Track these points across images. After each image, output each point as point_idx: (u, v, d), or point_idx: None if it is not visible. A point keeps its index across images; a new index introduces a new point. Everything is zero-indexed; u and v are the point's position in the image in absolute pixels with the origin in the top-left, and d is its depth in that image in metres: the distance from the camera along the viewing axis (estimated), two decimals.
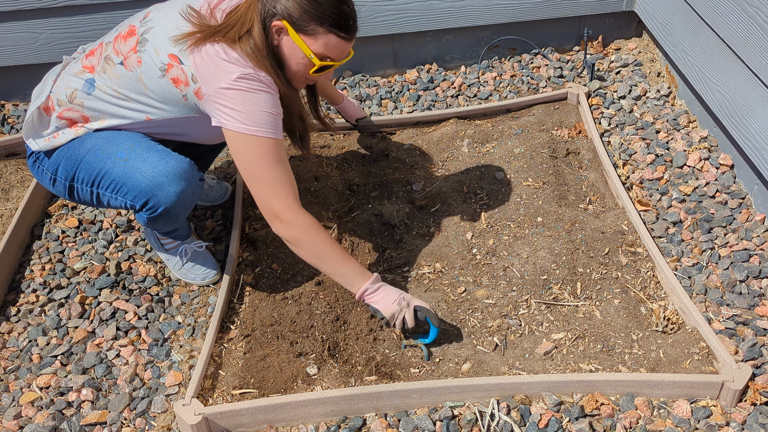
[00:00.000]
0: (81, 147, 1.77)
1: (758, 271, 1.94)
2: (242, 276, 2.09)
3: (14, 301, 2.10)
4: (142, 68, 1.68)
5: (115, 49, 1.73)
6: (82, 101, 1.74)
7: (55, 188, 1.85)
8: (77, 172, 1.78)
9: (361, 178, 2.38)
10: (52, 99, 1.77)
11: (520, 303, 1.94)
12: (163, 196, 1.72)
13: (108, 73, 1.72)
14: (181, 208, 1.78)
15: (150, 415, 1.78)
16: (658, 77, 2.79)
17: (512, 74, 2.89)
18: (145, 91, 1.71)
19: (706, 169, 2.31)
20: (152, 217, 1.79)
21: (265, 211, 1.72)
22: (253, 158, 1.65)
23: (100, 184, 1.78)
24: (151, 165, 1.71)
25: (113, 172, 1.74)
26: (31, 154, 1.86)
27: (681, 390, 1.68)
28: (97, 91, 1.73)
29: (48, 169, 1.82)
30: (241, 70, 1.60)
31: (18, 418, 1.78)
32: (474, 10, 2.83)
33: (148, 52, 1.67)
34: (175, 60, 1.64)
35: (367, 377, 1.77)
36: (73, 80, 1.75)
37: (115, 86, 1.72)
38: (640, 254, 2.05)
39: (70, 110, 1.76)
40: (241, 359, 1.85)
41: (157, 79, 1.68)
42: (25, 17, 2.73)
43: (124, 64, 1.70)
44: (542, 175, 2.29)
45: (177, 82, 1.66)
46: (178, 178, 1.73)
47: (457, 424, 1.66)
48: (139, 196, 1.74)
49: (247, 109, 1.61)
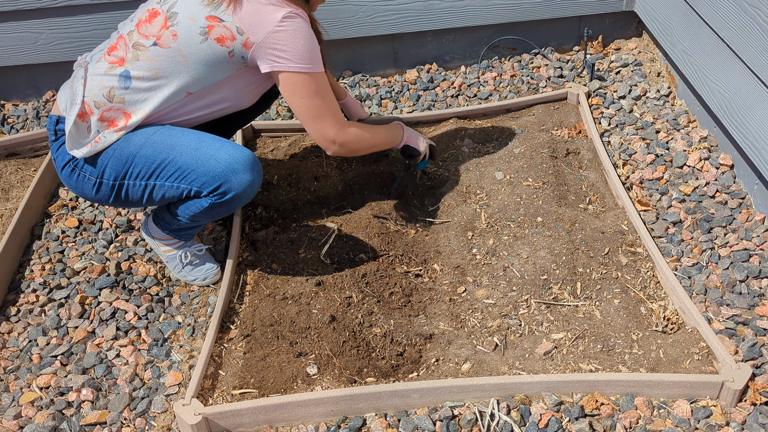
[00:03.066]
0: (129, 144, 1.79)
1: (758, 271, 1.94)
2: (242, 276, 2.09)
3: (14, 301, 2.10)
4: (179, 41, 1.73)
5: (142, 34, 1.76)
6: (123, 97, 1.77)
7: (100, 194, 1.85)
8: (130, 168, 1.80)
9: (361, 178, 2.38)
10: (88, 103, 1.77)
11: (520, 303, 1.94)
12: (237, 182, 1.77)
13: (142, 59, 1.75)
14: (246, 197, 1.82)
15: (150, 415, 1.78)
16: (658, 77, 2.79)
17: (512, 74, 2.89)
18: (185, 63, 1.75)
19: (706, 169, 2.31)
20: (217, 202, 1.81)
21: (322, 139, 1.88)
22: (309, 94, 1.79)
23: (160, 174, 1.79)
24: (226, 152, 1.77)
25: (180, 160, 1.77)
26: (66, 165, 1.84)
27: (681, 390, 1.68)
28: (134, 81, 1.76)
29: (91, 175, 1.82)
30: (283, 11, 1.70)
31: (18, 418, 1.78)
32: (474, 10, 2.83)
33: (181, 23, 1.72)
34: (215, 20, 1.71)
35: (367, 378, 1.78)
36: (106, 79, 1.77)
37: (153, 68, 1.75)
38: (640, 254, 2.05)
39: (110, 110, 1.78)
40: (241, 359, 1.85)
41: (197, 45, 1.73)
42: (25, 17, 2.73)
43: (158, 44, 1.74)
44: (542, 175, 2.29)
45: (222, 40, 1.72)
46: (251, 168, 1.79)
47: (457, 424, 1.66)
48: (210, 182, 1.77)
49: (296, 49, 1.72)
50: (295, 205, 2.27)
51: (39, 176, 2.42)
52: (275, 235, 2.17)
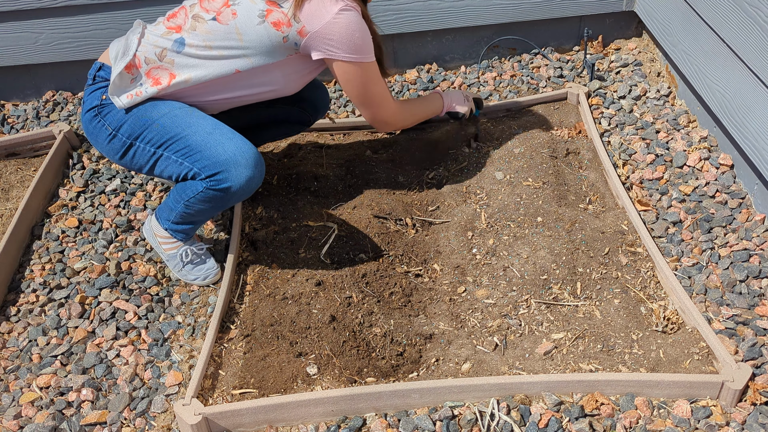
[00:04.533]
0: (154, 110, 1.85)
1: (758, 271, 1.94)
2: (242, 276, 2.09)
3: (14, 301, 2.11)
4: (237, 19, 1.80)
5: (203, 8, 1.83)
6: (173, 59, 1.84)
7: (110, 145, 1.90)
8: (145, 132, 1.85)
9: (362, 178, 2.38)
10: (139, 57, 1.85)
11: (520, 303, 1.94)
12: (235, 175, 1.81)
13: (199, 30, 1.82)
14: (241, 192, 1.85)
15: (150, 415, 1.78)
16: (658, 77, 2.79)
17: (512, 74, 2.89)
18: (240, 41, 1.82)
19: (706, 169, 2.31)
20: (210, 188, 1.84)
21: (376, 122, 2.09)
22: (366, 82, 1.93)
23: (170, 146, 1.84)
24: (235, 144, 1.81)
25: (192, 138, 1.82)
26: (91, 109, 1.90)
27: (681, 390, 1.68)
28: (187, 48, 1.83)
29: (110, 125, 1.88)
30: (340, 4, 1.79)
31: (18, 418, 1.78)
32: (474, 10, 2.83)
33: (242, 3, 1.80)
34: (274, 5, 1.79)
35: (367, 378, 1.78)
36: (161, 40, 1.85)
37: (208, 41, 1.82)
38: (640, 254, 2.05)
39: (159, 68, 1.85)
40: (241, 359, 1.85)
41: (255, 27, 1.80)
42: (25, 17, 2.73)
43: (217, 19, 1.81)
44: (542, 175, 2.29)
45: (278, 24, 1.80)
46: (254, 165, 1.83)
47: (457, 424, 1.66)
48: (211, 166, 1.81)
49: (351, 40, 1.82)
50: (295, 205, 2.27)
51: (39, 176, 2.42)
52: (275, 235, 2.17)
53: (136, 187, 2.48)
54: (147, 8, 2.73)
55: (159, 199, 2.44)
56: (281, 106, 2.27)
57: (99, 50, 2.83)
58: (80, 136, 2.73)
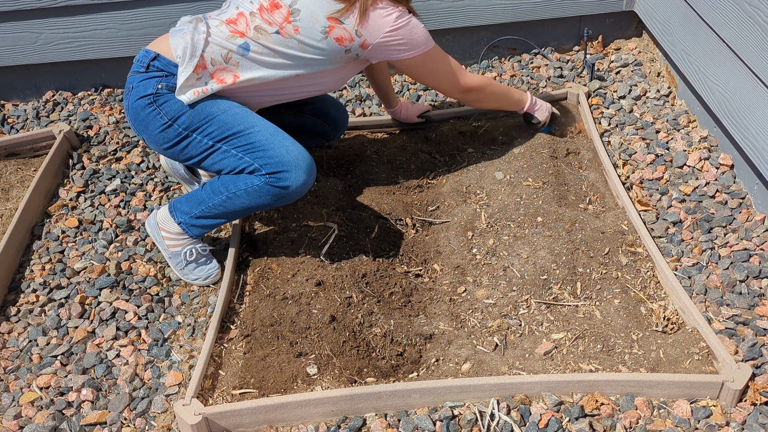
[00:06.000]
0: (214, 106, 1.92)
1: (758, 271, 1.94)
2: (242, 276, 2.09)
3: (14, 301, 2.11)
4: (300, 35, 1.89)
5: (265, 20, 1.89)
6: (238, 61, 1.91)
7: (163, 134, 1.94)
8: (205, 125, 1.91)
9: (362, 178, 2.38)
10: (206, 58, 1.90)
11: (520, 303, 1.94)
12: (295, 176, 1.88)
13: (263, 41, 1.90)
14: (295, 194, 1.92)
15: (150, 415, 1.78)
16: (658, 77, 2.79)
17: (512, 74, 2.89)
18: (303, 52, 1.91)
19: (706, 169, 2.31)
20: (271, 184, 1.89)
21: (456, 92, 2.16)
22: (434, 67, 2.07)
23: (231, 141, 1.91)
24: (297, 148, 1.90)
25: (257, 136, 1.90)
26: (145, 97, 1.92)
27: (681, 390, 1.68)
28: (252, 53, 1.91)
29: (167, 114, 1.92)
30: (395, 13, 1.91)
31: (18, 418, 1.78)
32: (474, 10, 2.83)
33: (303, 20, 1.87)
34: (335, 21, 1.87)
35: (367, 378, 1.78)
36: (226, 43, 1.90)
37: (272, 49, 1.91)
38: (640, 254, 2.05)
39: (224, 70, 1.92)
40: (241, 359, 1.85)
41: (317, 42, 1.89)
42: (25, 17, 2.73)
43: (280, 33, 1.89)
44: (542, 175, 2.29)
45: (341, 40, 1.90)
46: (311, 171, 1.92)
47: (457, 424, 1.66)
48: (274, 165, 1.88)
49: (413, 38, 1.96)
50: (295, 205, 2.27)
51: (39, 176, 2.42)
52: (275, 235, 2.17)
53: (136, 187, 2.49)
54: (147, 8, 2.73)
55: (159, 198, 2.44)
56: (310, 117, 2.35)
57: (99, 50, 2.83)
58: (80, 136, 2.73)
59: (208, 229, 2.06)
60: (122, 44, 2.80)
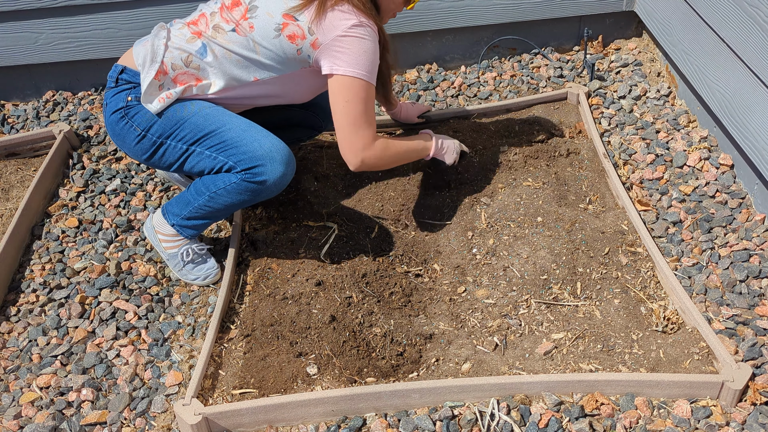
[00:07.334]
0: (184, 110, 1.91)
1: (758, 271, 1.94)
2: (242, 276, 2.09)
3: (14, 301, 2.11)
4: (254, 32, 1.86)
5: (223, 18, 1.89)
6: (198, 64, 1.90)
7: (139, 145, 1.94)
8: (177, 130, 1.90)
9: (361, 177, 2.38)
10: (166, 64, 1.89)
11: (520, 303, 1.94)
12: (271, 170, 1.86)
13: (219, 39, 1.88)
14: (274, 188, 1.90)
15: (150, 415, 1.78)
16: (658, 77, 2.79)
17: (512, 74, 2.89)
18: (257, 52, 1.87)
19: (706, 168, 2.31)
20: (247, 180, 1.88)
21: (350, 149, 1.90)
22: (354, 100, 1.85)
23: (204, 142, 1.90)
24: (270, 141, 1.87)
25: (227, 135, 1.88)
26: (117, 111, 1.93)
27: (681, 390, 1.68)
28: (209, 55, 1.89)
29: (139, 126, 1.91)
30: (354, 20, 1.81)
31: (18, 418, 1.78)
32: (474, 10, 2.83)
33: (259, 17, 1.86)
34: (290, 18, 1.84)
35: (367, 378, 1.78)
36: (186, 46, 1.90)
37: (228, 50, 1.88)
38: (640, 254, 2.05)
39: (185, 74, 1.91)
40: (241, 359, 1.85)
41: (271, 39, 1.86)
42: (25, 17, 2.73)
43: (236, 31, 1.87)
44: (542, 175, 2.29)
45: (293, 37, 1.85)
46: (287, 162, 1.89)
47: (457, 424, 1.66)
48: (247, 160, 1.86)
49: (357, 54, 1.83)
50: (295, 205, 2.27)
51: (39, 176, 2.42)
52: (275, 235, 2.17)
53: (136, 187, 2.49)
54: (147, 8, 2.73)
55: (159, 199, 2.44)
56: (296, 109, 2.32)
57: (99, 50, 2.83)
58: (80, 136, 2.73)
59: (201, 229, 2.06)
60: (122, 44, 2.80)
